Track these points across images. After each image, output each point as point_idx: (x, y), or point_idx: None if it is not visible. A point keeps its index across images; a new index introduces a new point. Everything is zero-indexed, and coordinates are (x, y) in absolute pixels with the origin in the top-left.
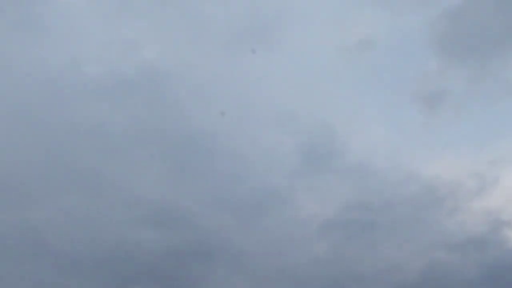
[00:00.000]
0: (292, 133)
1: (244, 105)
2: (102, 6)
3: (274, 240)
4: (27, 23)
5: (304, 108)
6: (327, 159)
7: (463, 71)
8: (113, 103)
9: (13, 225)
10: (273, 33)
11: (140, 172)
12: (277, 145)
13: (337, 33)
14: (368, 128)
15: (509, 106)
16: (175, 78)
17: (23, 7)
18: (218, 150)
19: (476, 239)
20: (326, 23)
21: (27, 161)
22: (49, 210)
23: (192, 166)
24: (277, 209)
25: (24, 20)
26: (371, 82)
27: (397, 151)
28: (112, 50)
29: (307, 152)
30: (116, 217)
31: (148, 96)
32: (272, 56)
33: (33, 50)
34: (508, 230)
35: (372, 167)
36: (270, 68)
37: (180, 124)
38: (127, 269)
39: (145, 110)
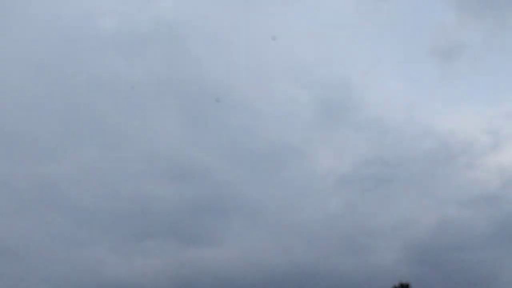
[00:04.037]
0: (308, 86)
1: (260, 58)
2: None
3: (290, 194)
4: None
5: (320, 61)
6: (343, 113)
7: (481, 25)
8: (129, 56)
9: (31, 179)
10: None
11: (157, 127)
12: (293, 98)
13: None
14: (384, 82)
15: None
16: (191, 31)
17: None
18: (234, 104)
19: (489, 194)
20: None
21: (45, 116)
22: (67, 164)
23: (209, 121)
24: (293, 163)
25: None
26: (388, 36)
27: (413, 105)
28: (127, 3)
29: (322, 106)
30: (133, 171)
31: (164, 49)
32: (288, 9)
33: (48, 3)
34: None
35: (388, 121)
36: (286, 20)
37: (196, 78)
38: (144, 222)
39: (161, 64)
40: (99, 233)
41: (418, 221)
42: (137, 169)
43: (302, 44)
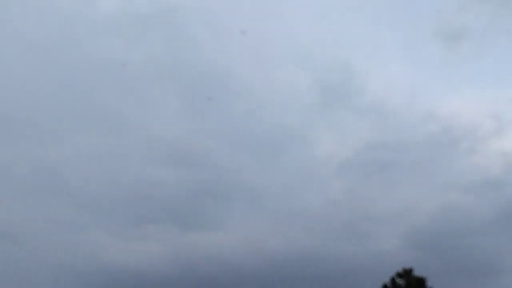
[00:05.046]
0: (309, 70)
1: (260, 42)
2: None
3: (291, 179)
4: None
5: (321, 45)
6: (345, 97)
7: (484, 8)
8: (129, 40)
9: (31, 164)
10: None
11: (157, 111)
12: (294, 82)
13: None
14: (386, 65)
15: None
16: (192, 15)
17: None
18: (235, 88)
19: (492, 180)
20: None
21: (45, 100)
22: (67, 149)
23: (209, 105)
24: (294, 148)
25: None
26: (390, 19)
27: (416, 89)
28: None
29: (324, 90)
30: (134, 156)
31: (164, 33)
32: None
33: None
34: None
35: (390, 105)
36: (287, 4)
37: (197, 62)
38: (144, 207)
39: (162, 48)
40: (99, 218)
41: (420, 207)
42: (137, 154)
43: (303, 28)
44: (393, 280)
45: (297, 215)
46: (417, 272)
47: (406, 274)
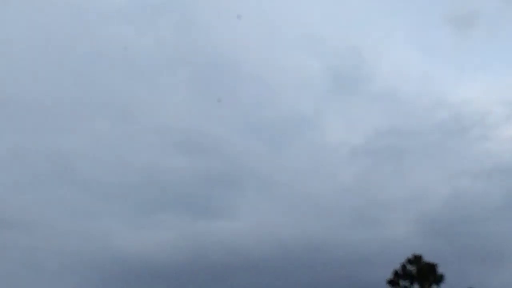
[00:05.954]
0: (319, 56)
1: (271, 29)
2: None
3: (302, 166)
4: None
5: (331, 31)
6: (355, 83)
7: None
8: (140, 27)
9: (43, 151)
10: None
11: (169, 98)
12: (305, 69)
13: None
14: (397, 51)
15: None
16: (202, 2)
17: None
18: (245, 76)
19: (503, 166)
20: None
21: (57, 88)
22: (79, 136)
23: (221, 92)
24: (305, 135)
25: None
26: (402, 4)
27: (427, 75)
28: None
29: (334, 76)
30: (145, 144)
31: (175, 19)
32: None
33: None
34: None
35: (401, 92)
36: None
37: (208, 49)
38: (156, 195)
39: (173, 35)
40: (111, 206)
41: (431, 193)
42: (149, 141)
43: (314, 14)
44: (404, 266)
45: (308, 202)
46: (428, 258)
47: (417, 260)
